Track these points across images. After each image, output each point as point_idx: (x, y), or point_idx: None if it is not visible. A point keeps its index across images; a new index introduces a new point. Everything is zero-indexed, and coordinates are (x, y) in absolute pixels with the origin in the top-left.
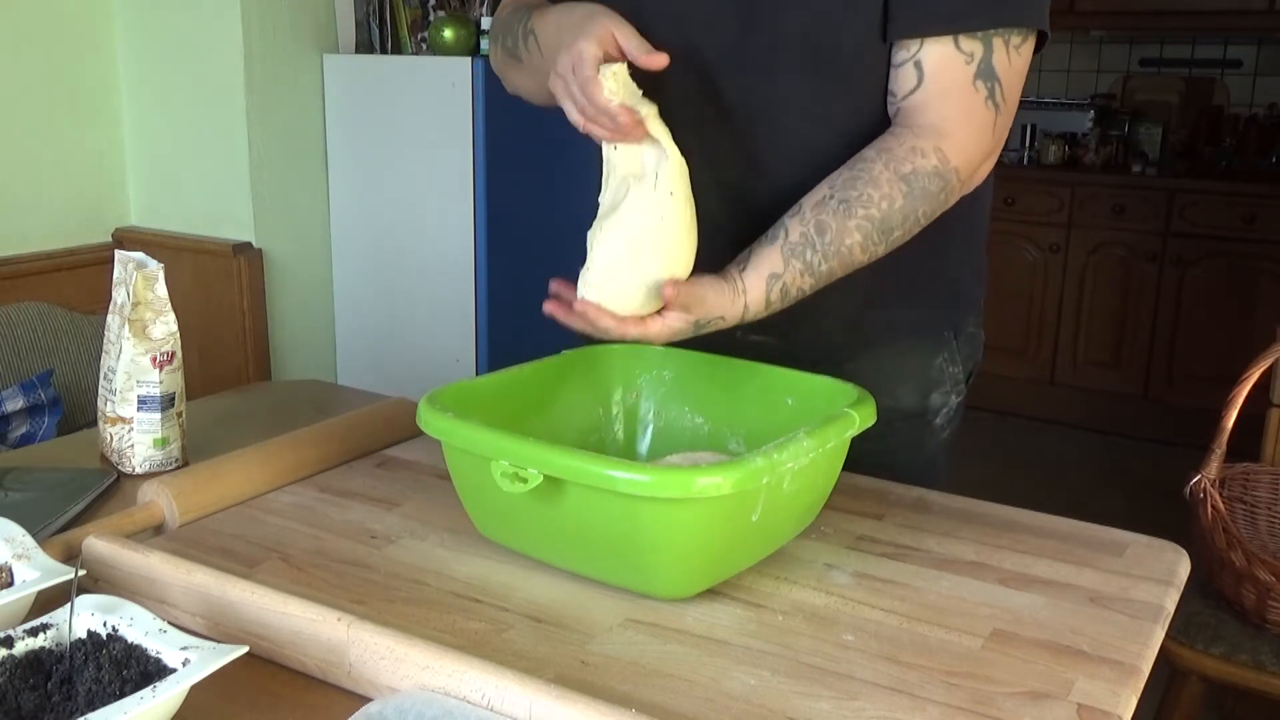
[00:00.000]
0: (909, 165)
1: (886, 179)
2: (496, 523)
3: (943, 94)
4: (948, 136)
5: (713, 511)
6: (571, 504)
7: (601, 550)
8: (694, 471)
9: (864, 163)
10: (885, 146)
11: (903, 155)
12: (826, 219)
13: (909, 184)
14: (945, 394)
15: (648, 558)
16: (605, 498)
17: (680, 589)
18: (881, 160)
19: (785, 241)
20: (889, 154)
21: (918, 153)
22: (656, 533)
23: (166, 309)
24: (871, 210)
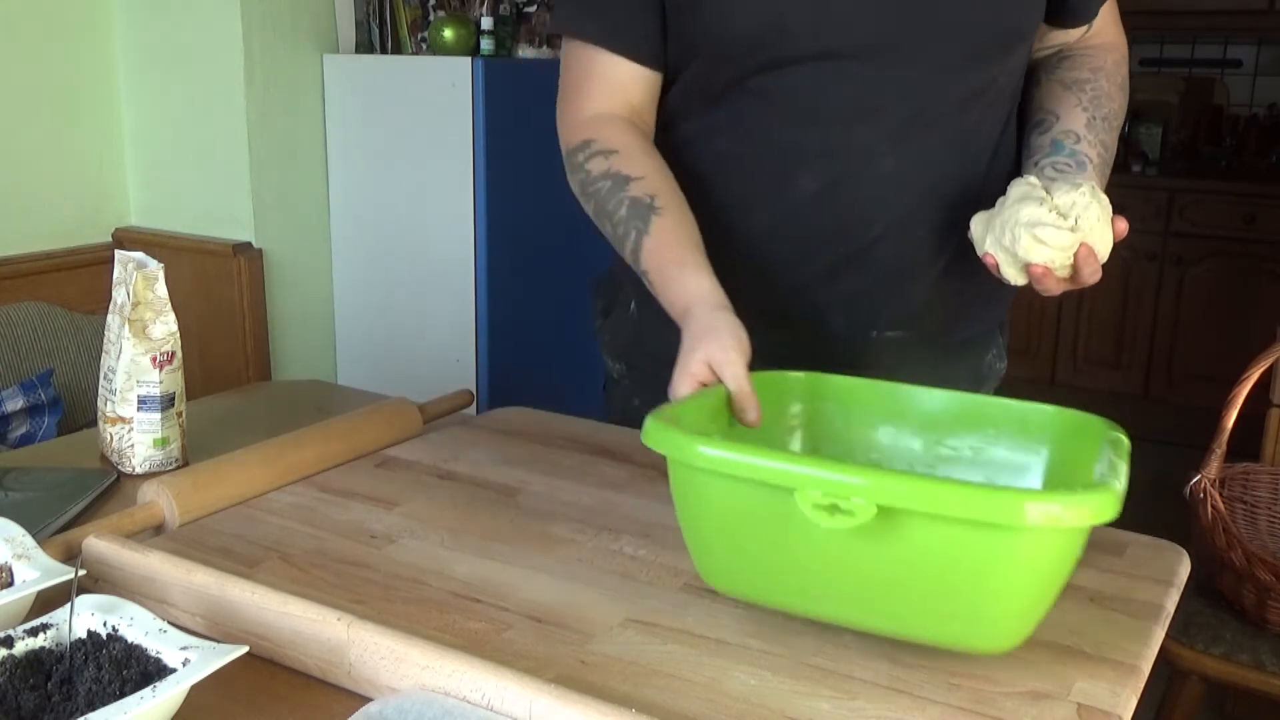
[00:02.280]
0: (1119, 75)
1: (1115, 92)
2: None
3: (1106, 25)
4: (1120, 46)
5: (1076, 542)
6: (904, 543)
7: (926, 601)
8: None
9: (1088, 82)
10: (1095, 65)
11: (1111, 69)
12: (1104, 137)
13: (1124, 91)
14: (987, 387)
15: (992, 604)
16: (964, 532)
17: (1012, 639)
18: (1103, 77)
19: (1094, 164)
20: (1103, 71)
21: (1118, 65)
22: (1015, 568)
23: (166, 309)
24: (1117, 121)
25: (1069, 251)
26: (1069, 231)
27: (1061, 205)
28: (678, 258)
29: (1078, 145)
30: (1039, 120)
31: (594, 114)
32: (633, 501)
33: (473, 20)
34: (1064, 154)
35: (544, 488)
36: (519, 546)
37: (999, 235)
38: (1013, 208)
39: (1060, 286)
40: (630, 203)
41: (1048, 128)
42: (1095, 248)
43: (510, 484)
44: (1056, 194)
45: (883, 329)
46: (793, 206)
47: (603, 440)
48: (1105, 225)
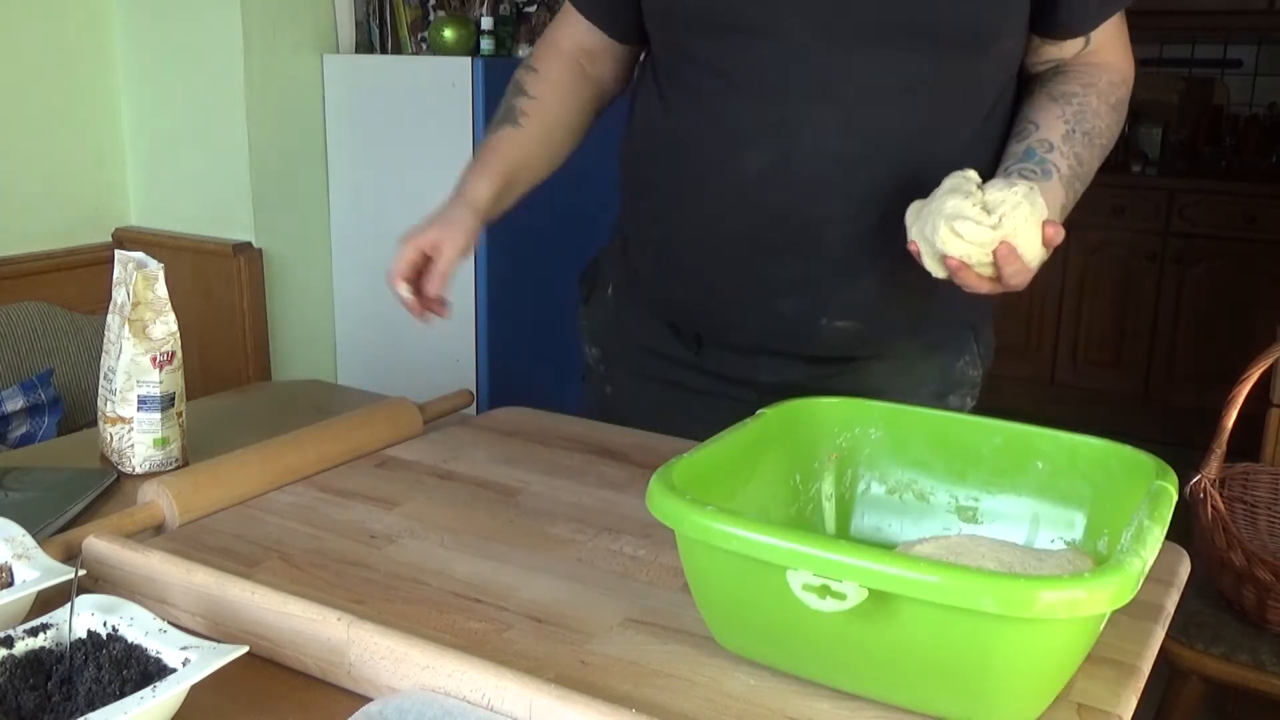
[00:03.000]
0: (1114, 96)
1: (1104, 110)
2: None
3: (1109, 43)
4: (1121, 69)
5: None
6: (902, 624)
7: (931, 682)
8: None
9: (1076, 95)
10: (1088, 81)
11: (1105, 88)
12: (1080, 151)
13: (1117, 112)
14: (962, 396)
15: (1000, 683)
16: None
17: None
18: (1093, 93)
19: (1061, 175)
20: (1094, 88)
21: (1115, 86)
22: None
23: (166, 309)
24: (1101, 139)
25: (986, 249)
26: (989, 229)
27: (989, 201)
28: (487, 162)
29: (1049, 154)
30: (1019, 129)
31: (551, 40)
32: (633, 501)
33: (473, 20)
34: (1033, 161)
35: (544, 488)
36: (519, 546)
37: (923, 226)
38: (940, 199)
39: (983, 285)
40: (509, 107)
41: (1025, 136)
42: (1018, 248)
43: (510, 484)
44: (989, 190)
45: (833, 317)
46: (742, 183)
47: (603, 440)
48: (1033, 228)
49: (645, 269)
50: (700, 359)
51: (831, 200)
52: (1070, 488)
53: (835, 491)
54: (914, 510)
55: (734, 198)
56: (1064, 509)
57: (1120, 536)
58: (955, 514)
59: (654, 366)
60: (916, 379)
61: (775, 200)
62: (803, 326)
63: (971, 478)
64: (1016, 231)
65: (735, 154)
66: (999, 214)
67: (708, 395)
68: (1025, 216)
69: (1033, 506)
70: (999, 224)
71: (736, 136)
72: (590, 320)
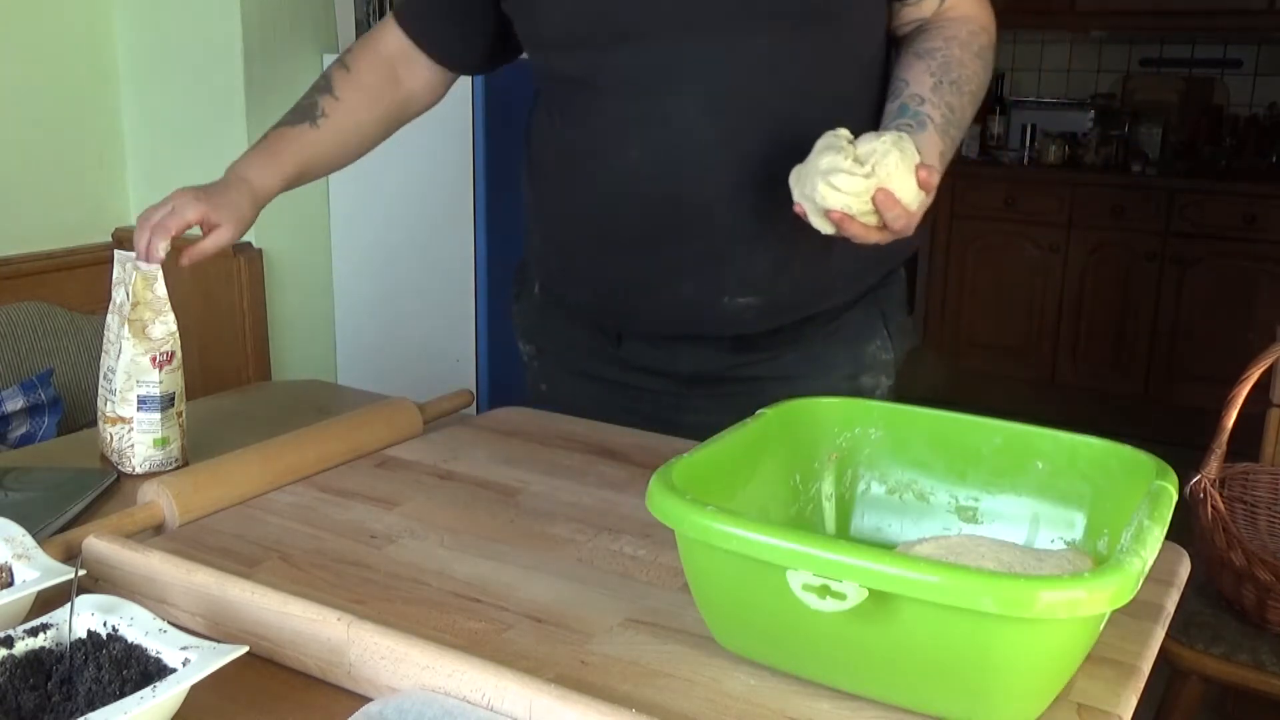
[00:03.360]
0: (975, 44)
1: (968, 59)
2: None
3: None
4: (978, 18)
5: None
6: (902, 624)
7: (931, 682)
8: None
9: (939, 49)
10: (949, 35)
11: (966, 38)
12: (950, 99)
13: (981, 59)
14: (875, 376)
15: (1000, 683)
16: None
17: (1026, 716)
18: (955, 45)
19: (935, 124)
20: (955, 40)
21: (975, 35)
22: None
23: (166, 309)
24: (970, 86)
25: (864, 197)
26: (863, 178)
27: (861, 154)
28: (279, 154)
29: (921, 107)
30: (893, 89)
31: (372, 44)
32: (633, 501)
33: None
34: (908, 115)
35: (544, 488)
36: (519, 546)
37: (803, 186)
38: (815, 158)
39: (870, 234)
40: (312, 102)
41: (898, 94)
42: (895, 192)
43: (510, 484)
44: (859, 143)
45: (733, 294)
46: (627, 178)
47: (603, 440)
48: (906, 172)
49: (556, 274)
50: (622, 353)
51: (713, 181)
52: (1070, 488)
53: (835, 491)
54: (914, 510)
55: (622, 192)
56: (1064, 509)
57: (1120, 536)
58: (955, 514)
59: (581, 363)
60: (828, 364)
61: (661, 189)
62: (706, 307)
63: (971, 478)
64: (890, 177)
65: (617, 151)
66: (871, 163)
67: (632, 389)
68: (896, 163)
69: (1033, 506)
70: (872, 173)
71: (616, 135)
72: (523, 319)
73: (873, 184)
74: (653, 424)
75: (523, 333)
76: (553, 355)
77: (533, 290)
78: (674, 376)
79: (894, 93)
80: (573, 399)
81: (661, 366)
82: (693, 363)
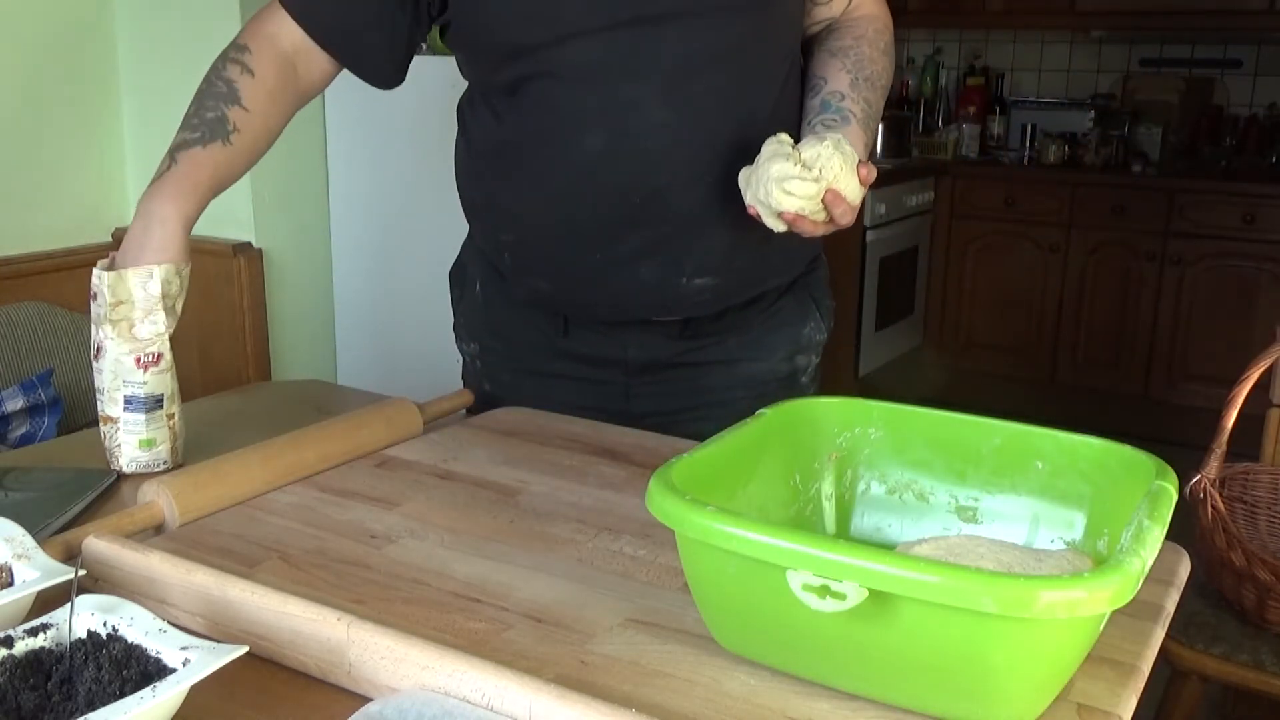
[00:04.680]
0: (881, 41)
1: (877, 56)
2: (760, 639)
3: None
4: (881, 16)
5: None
6: (902, 624)
7: (932, 682)
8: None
9: (852, 48)
10: (858, 34)
11: (873, 36)
12: (867, 95)
13: (888, 55)
14: (809, 356)
15: (1000, 683)
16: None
17: (1026, 716)
18: (865, 44)
19: (858, 119)
20: (864, 39)
21: (880, 33)
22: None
23: (156, 309)
24: (881, 81)
25: (816, 199)
26: (813, 182)
27: (807, 159)
28: (196, 181)
29: (842, 103)
30: (811, 85)
31: (267, 37)
32: (633, 501)
33: None
34: (830, 111)
35: (544, 488)
36: (519, 546)
37: (756, 191)
38: (765, 165)
39: (818, 228)
40: (220, 117)
41: (818, 91)
42: (842, 192)
43: (510, 484)
44: (803, 149)
45: (691, 275)
46: (584, 165)
47: (603, 440)
48: (849, 173)
49: (509, 268)
50: (569, 343)
51: (668, 168)
52: (1070, 488)
53: (835, 491)
54: (914, 510)
55: (577, 182)
56: (1064, 509)
57: (1120, 536)
58: (955, 514)
59: (527, 359)
60: (769, 347)
61: (616, 178)
62: (666, 289)
63: (971, 478)
64: (836, 179)
65: (571, 143)
66: (818, 167)
67: (577, 380)
68: (840, 165)
69: (1033, 506)
70: (820, 176)
71: (569, 126)
72: (466, 319)
73: (822, 186)
74: (600, 415)
75: (465, 333)
76: (496, 353)
77: (474, 290)
78: (620, 365)
79: (813, 89)
80: (518, 395)
81: (608, 355)
82: (641, 350)
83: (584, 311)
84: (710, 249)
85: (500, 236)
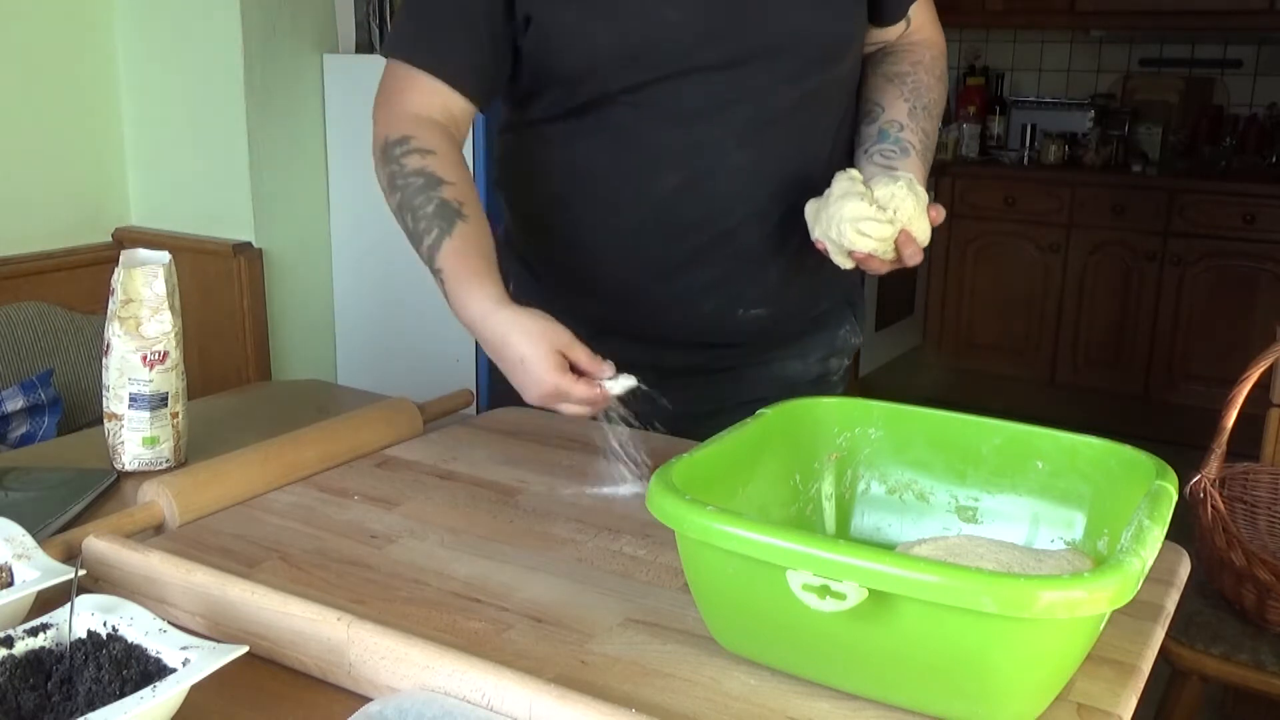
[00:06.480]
0: (938, 69)
1: (933, 83)
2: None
3: (925, 21)
4: (937, 42)
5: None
6: (902, 624)
7: (931, 682)
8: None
9: (909, 74)
10: (915, 59)
11: (930, 63)
12: (925, 125)
13: (942, 83)
14: (841, 359)
15: (1000, 683)
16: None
17: (1025, 716)
18: (922, 70)
19: (917, 150)
20: (920, 64)
21: (936, 60)
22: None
23: (163, 307)
24: (937, 109)
25: (890, 241)
26: (888, 224)
27: (880, 198)
28: (474, 266)
29: (901, 133)
30: (867, 111)
31: (415, 113)
32: (633, 501)
33: None
34: (889, 141)
35: (544, 488)
36: (519, 546)
37: (826, 228)
38: (838, 203)
39: (886, 267)
40: (439, 204)
41: (875, 118)
42: (913, 234)
43: (510, 484)
44: (876, 188)
45: (748, 308)
46: (659, 201)
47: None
48: (921, 214)
49: (552, 289)
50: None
51: (740, 208)
52: (1070, 488)
53: (835, 491)
54: (914, 510)
55: (650, 218)
56: (1064, 509)
57: (1120, 536)
58: (955, 514)
59: None
60: (806, 349)
61: (690, 215)
62: (723, 321)
63: (971, 478)
64: (910, 221)
65: (649, 178)
66: (892, 208)
67: None
68: (913, 206)
69: (1033, 506)
70: (894, 218)
71: (649, 162)
72: None
73: (897, 228)
74: None
75: None
76: None
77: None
78: (654, 370)
79: (869, 116)
80: None
81: (642, 360)
82: (677, 358)
83: (630, 331)
84: (768, 282)
85: (556, 256)
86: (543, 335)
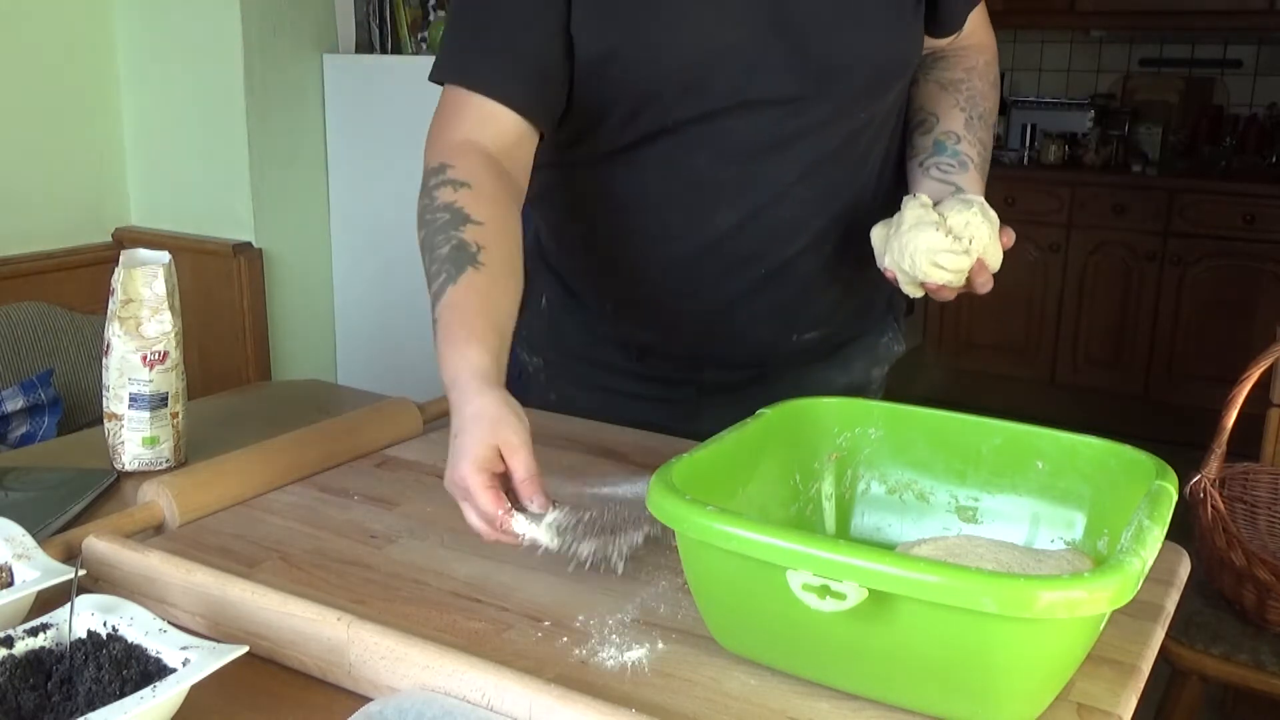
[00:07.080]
0: (991, 74)
1: (988, 90)
2: (760, 639)
3: (978, 25)
4: (990, 46)
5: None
6: (902, 624)
7: (932, 682)
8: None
9: (963, 81)
10: (969, 65)
11: (983, 69)
12: (982, 135)
13: (996, 89)
14: (882, 366)
15: (1000, 683)
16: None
17: (1026, 716)
18: (976, 76)
19: (975, 164)
20: (975, 70)
21: (989, 65)
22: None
23: (163, 307)
24: (991, 118)
25: (965, 273)
26: (964, 254)
27: (954, 227)
28: (470, 325)
29: (959, 145)
30: (920, 120)
31: (461, 140)
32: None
33: None
34: (946, 154)
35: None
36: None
37: (899, 258)
38: (911, 233)
39: (954, 294)
40: (455, 245)
41: (929, 129)
42: (987, 263)
43: None
44: (949, 214)
45: (802, 332)
46: (715, 236)
47: (603, 440)
48: (995, 241)
49: (592, 307)
50: (644, 367)
51: (798, 238)
52: (1070, 488)
53: (835, 491)
54: (914, 510)
55: (707, 249)
56: (1064, 509)
57: (1120, 536)
58: (955, 514)
59: (595, 376)
60: (848, 357)
61: (748, 247)
62: (778, 344)
63: (971, 478)
64: (985, 250)
65: (708, 211)
66: (967, 237)
67: (648, 399)
68: (988, 234)
69: (1033, 506)
70: (969, 248)
71: (708, 194)
72: (528, 331)
73: (973, 259)
74: (669, 432)
75: (528, 346)
76: (563, 368)
77: (539, 302)
78: (694, 385)
79: (923, 125)
80: (586, 410)
81: (684, 377)
82: (717, 374)
83: (673, 351)
84: (823, 307)
85: (604, 282)
86: (494, 423)
